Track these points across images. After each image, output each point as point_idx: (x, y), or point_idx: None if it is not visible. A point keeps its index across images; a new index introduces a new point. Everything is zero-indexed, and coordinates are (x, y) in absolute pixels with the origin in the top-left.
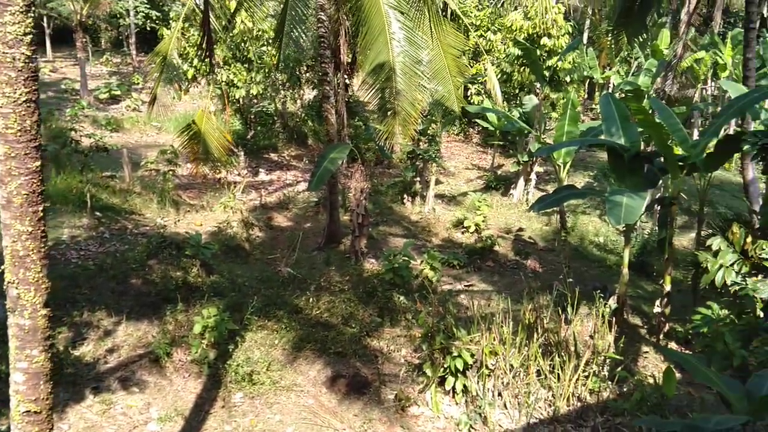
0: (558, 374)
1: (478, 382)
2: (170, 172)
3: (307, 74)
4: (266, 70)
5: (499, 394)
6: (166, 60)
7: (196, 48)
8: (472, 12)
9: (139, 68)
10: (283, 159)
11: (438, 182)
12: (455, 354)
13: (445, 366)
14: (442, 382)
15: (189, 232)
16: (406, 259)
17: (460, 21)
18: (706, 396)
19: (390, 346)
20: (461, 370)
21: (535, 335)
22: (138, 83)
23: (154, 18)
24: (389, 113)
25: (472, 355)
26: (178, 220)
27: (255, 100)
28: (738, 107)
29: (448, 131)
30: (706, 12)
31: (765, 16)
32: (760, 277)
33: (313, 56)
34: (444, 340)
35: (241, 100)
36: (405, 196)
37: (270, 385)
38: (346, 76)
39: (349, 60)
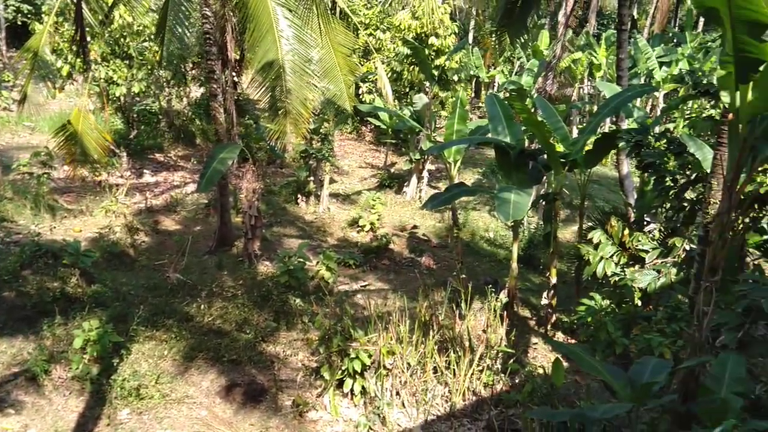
0: (453, 370)
1: (376, 382)
2: (45, 175)
3: (193, 71)
4: (149, 67)
5: (397, 394)
6: (37, 56)
7: (70, 43)
8: (360, 10)
9: (9, 65)
10: (170, 159)
11: (332, 181)
12: (353, 355)
13: (343, 368)
14: (340, 384)
15: (67, 239)
16: (302, 260)
17: (350, 19)
18: (593, 383)
19: (286, 351)
20: (359, 371)
21: (431, 332)
22: (8, 81)
23: (26, 12)
24: (280, 112)
25: (370, 356)
26: (55, 227)
27: (137, 98)
28: (613, 106)
29: (341, 130)
30: (582, 14)
31: (635, 17)
32: (637, 267)
33: (199, 53)
34: (341, 341)
35: (122, 98)
36: (299, 196)
37: (159, 399)
38: (234, 74)
39: (238, 57)
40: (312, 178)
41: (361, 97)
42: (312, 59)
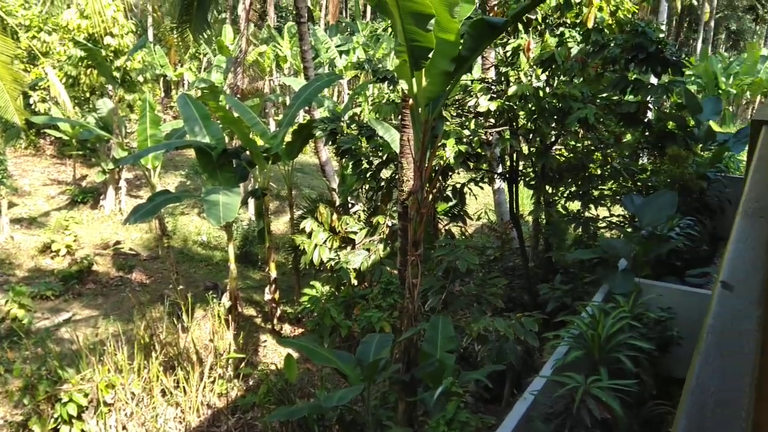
0: (183, 387)
1: (97, 422)
2: None
3: None
4: None
5: (124, 428)
6: None
7: None
8: (17, 11)
9: None
10: None
11: (11, 205)
12: (65, 399)
13: (56, 416)
14: None
15: None
16: None
17: (5, 22)
18: (325, 369)
19: None
20: (75, 415)
21: (154, 353)
22: None
23: None
24: None
25: (86, 395)
26: None
27: None
28: (305, 97)
29: (14, 146)
30: (261, 7)
31: (310, 9)
32: (349, 249)
33: None
34: (49, 386)
35: None
36: None
37: None
38: None
39: None
40: None
41: (33, 107)
42: None
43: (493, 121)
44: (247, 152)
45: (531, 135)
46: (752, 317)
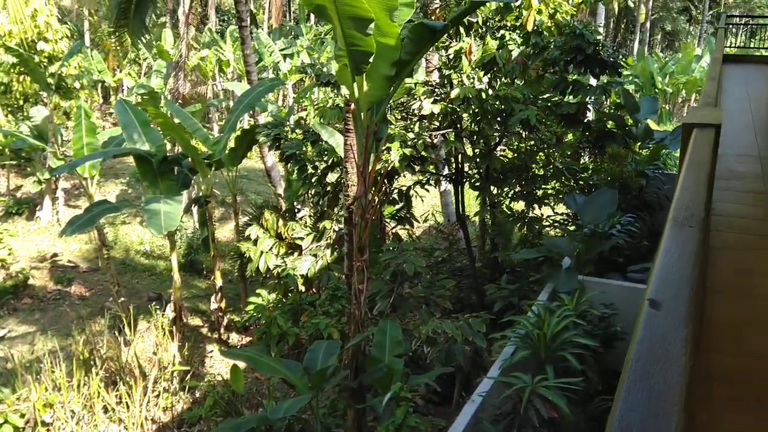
0: (126, 403)
1: None
2: None
3: None
4: None
5: None
6: None
7: None
8: None
9: None
10: None
11: None
12: (0, 421)
13: None
14: None
15: None
16: None
17: None
18: (274, 378)
19: None
20: None
21: (94, 369)
22: None
23: None
24: None
25: (23, 416)
26: None
27: None
28: (247, 102)
29: None
30: (201, 11)
31: (253, 12)
32: (296, 255)
33: None
34: None
35: None
36: None
37: None
38: None
39: None
40: None
41: None
42: None
43: (437, 123)
44: (189, 159)
45: (475, 137)
46: (679, 340)
